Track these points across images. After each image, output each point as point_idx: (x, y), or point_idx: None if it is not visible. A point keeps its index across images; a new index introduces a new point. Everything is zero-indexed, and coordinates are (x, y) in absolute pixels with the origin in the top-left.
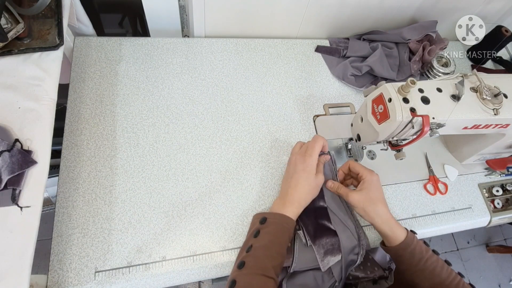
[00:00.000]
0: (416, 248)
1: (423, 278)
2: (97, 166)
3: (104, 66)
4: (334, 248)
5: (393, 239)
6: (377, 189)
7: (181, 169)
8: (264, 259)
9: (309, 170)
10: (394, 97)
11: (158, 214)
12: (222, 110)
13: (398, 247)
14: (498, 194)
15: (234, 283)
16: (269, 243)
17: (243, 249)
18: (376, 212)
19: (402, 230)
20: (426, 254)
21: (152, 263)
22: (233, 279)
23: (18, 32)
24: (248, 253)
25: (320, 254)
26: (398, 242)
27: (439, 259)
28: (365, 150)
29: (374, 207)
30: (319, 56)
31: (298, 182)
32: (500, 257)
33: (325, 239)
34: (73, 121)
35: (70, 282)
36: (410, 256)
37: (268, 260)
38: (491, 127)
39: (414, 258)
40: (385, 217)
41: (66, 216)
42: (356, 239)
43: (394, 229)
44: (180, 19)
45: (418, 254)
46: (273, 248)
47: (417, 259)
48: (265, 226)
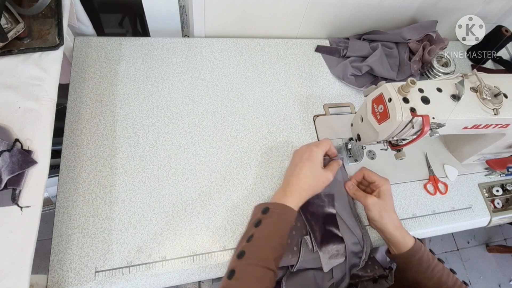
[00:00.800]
0: (423, 256)
1: (429, 286)
2: (97, 166)
3: (104, 66)
4: (339, 253)
5: (403, 246)
6: (391, 197)
7: (181, 169)
8: (265, 249)
9: (314, 160)
10: (394, 97)
11: (158, 214)
12: (222, 110)
13: (407, 254)
14: (498, 194)
15: (233, 273)
16: (271, 233)
17: (244, 238)
18: (390, 218)
19: (411, 238)
20: (433, 262)
21: (152, 263)
22: (232, 269)
23: (18, 32)
24: (248, 242)
25: (325, 259)
26: (407, 249)
27: (445, 267)
28: (365, 150)
29: (390, 214)
30: (319, 56)
31: (301, 171)
32: (500, 257)
33: (332, 245)
34: (73, 121)
35: (70, 282)
36: (418, 263)
37: (269, 251)
38: (491, 127)
39: (422, 266)
40: (398, 223)
41: (66, 216)
42: (362, 246)
43: (404, 236)
44: (180, 19)
45: (426, 262)
46: (274, 239)
47: (424, 267)
48: (267, 216)
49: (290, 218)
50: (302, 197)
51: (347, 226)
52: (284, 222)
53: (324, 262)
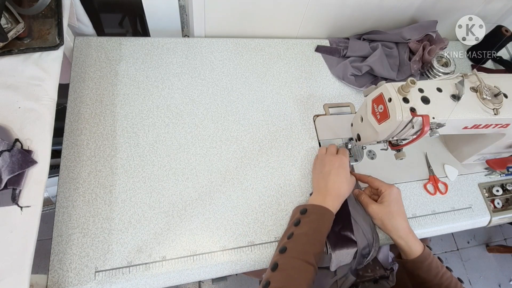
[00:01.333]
0: (432, 263)
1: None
2: (97, 166)
3: (104, 66)
4: (348, 255)
5: (409, 253)
6: (397, 203)
7: (181, 169)
8: (306, 245)
9: (346, 167)
10: (394, 97)
11: (158, 214)
12: (222, 110)
13: (416, 260)
14: (498, 194)
15: (276, 266)
16: (310, 230)
17: (284, 236)
18: (393, 225)
19: (419, 245)
20: (442, 269)
21: (152, 263)
22: (275, 262)
23: (18, 32)
24: (289, 239)
25: (336, 261)
26: (414, 256)
27: (452, 275)
28: (365, 150)
29: (393, 221)
30: (319, 56)
31: (338, 177)
32: (500, 257)
33: (346, 249)
34: (73, 121)
35: (70, 282)
36: (427, 270)
37: (309, 246)
38: (491, 127)
39: (431, 272)
40: (402, 231)
41: (66, 216)
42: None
43: (410, 244)
44: (180, 19)
45: (435, 269)
46: (313, 236)
47: (433, 274)
48: (306, 216)
49: (328, 218)
50: (340, 200)
51: (361, 230)
52: (322, 221)
53: (335, 264)
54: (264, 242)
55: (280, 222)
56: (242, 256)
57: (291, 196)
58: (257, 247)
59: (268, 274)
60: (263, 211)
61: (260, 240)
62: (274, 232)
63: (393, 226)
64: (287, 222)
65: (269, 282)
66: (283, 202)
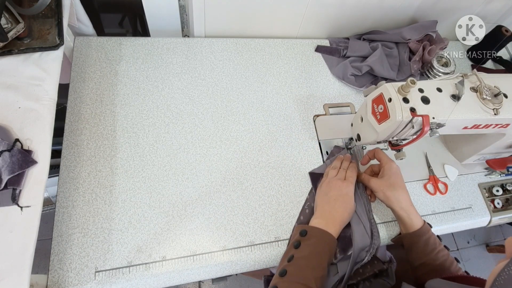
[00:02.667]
0: (430, 238)
1: (432, 268)
2: (97, 166)
3: (104, 66)
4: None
5: (410, 226)
6: (397, 176)
7: (181, 169)
8: (306, 269)
9: (351, 195)
10: (394, 97)
11: (158, 214)
12: (222, 110)
13: (414, 234)
14: (498, 194)
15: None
16: (310, 254)
17: (284, 258)
18: (395, 197)
19: (420, 220)
20: (439, 246)
21: (152, 263)
22: (275, 285)
23: (18, 32)
24: (289, 262)
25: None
26: (414, 229)
27: (449, 254)
28: (365, 150)
29: (394, 192)
30: (319, 56)
31: (343, 204)
32: (500, 257)
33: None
34: (73, 121)
35: (70, 282)
36: (424, 244)
37: (309, 270)
38: (491, 127)
39: (428, 247)
40: (405, 203)
41: (66, 216)
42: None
43: (411, 216)
44: (180, 19)
45: (432, 244)
46: (314, 260)
47: (430, 249)
48: (306, 238)
49: (329, 243)
50: (341, 227)
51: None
52: (323, 245)
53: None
54: (264, 242)
55: (280, 222)
56: (242, 256)
57: (291, 196)
58: (257, 247)
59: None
60: (263, 211)
61: (260, 240)
62: (274, 232)
63: (396, 197)
64: (287, 222)
65: None
66: (283, 202)
